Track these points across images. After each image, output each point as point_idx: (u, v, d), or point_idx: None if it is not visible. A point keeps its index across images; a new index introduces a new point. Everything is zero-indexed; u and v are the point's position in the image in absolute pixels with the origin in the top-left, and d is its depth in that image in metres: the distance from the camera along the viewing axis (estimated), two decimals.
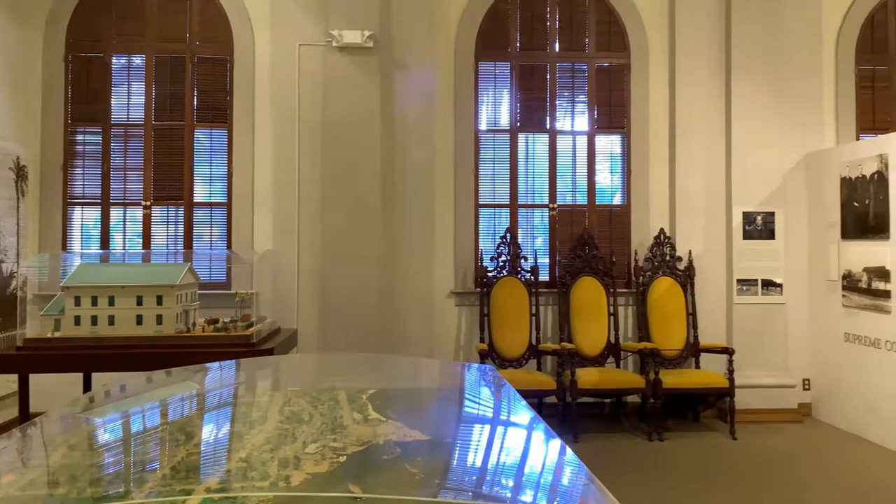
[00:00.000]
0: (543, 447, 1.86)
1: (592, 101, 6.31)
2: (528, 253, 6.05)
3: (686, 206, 6.12)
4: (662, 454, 5.01)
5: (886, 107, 6.49)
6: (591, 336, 5.83)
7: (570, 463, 1.68)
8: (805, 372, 6.05)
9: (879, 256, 5.27)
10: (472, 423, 2.17)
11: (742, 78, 6.07)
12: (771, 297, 5.99)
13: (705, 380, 5.49)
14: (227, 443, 1.84)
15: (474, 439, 1.89)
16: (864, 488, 4.34)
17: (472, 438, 1.91)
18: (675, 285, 5.96)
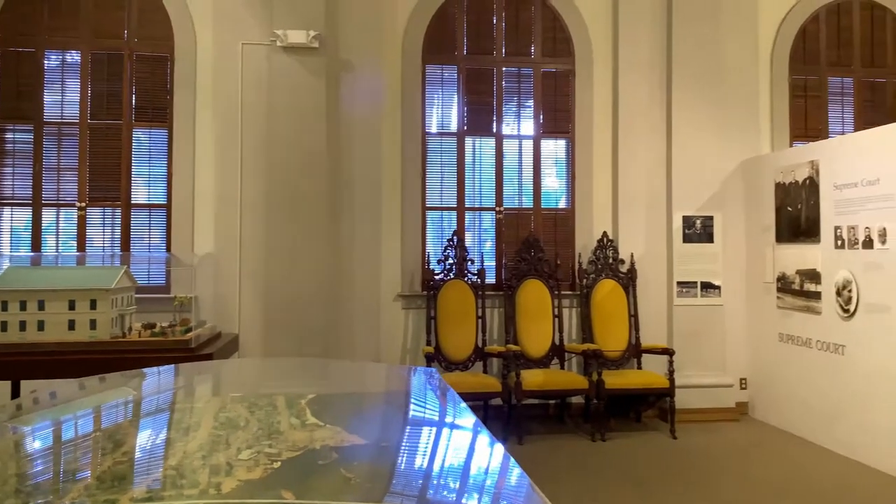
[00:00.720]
0: (481, 451, 1.86)
1: (538, 106, 6.38)
2: (474, 256, 6.08)
3: (628, 209, 6.25)
4: (605, 454, 5.08)
5: (817, 115, 6.75)
6: (536, 338, 5.89)
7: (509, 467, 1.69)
8: (742, 371, 6.24)
9: (811, 259, 5.48)
10: (412, 428, 2.16)
11: (682, 87, 6.23)
12: (709, 299, 6.16)
13: (646, 380, 5.60)
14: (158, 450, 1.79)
15: (413, 444, 1.88)
16: (796, 484, 4.49)
17: (411, 443, 1.89)
18: (617, 287, 6.07)
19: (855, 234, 5.03)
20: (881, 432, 4.73)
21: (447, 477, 1.61)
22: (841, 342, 5.13)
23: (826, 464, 4.89)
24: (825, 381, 5.28)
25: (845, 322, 5.09)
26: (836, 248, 5.21)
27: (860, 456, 4.91)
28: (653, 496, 4.24)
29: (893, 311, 4.66)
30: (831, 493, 4.32)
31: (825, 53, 6.79)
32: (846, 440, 5.06)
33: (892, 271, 4.68)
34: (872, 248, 4.87)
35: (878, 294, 4.81)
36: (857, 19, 6.82)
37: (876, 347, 4.80)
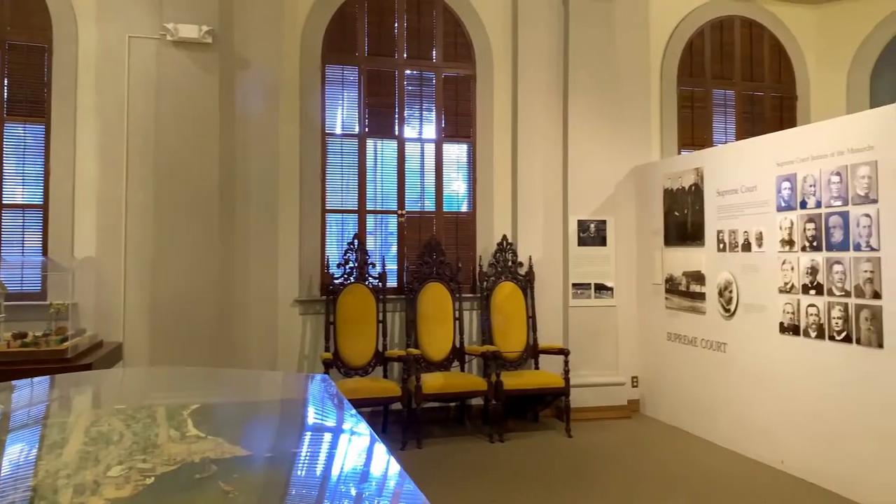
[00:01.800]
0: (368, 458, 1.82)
1: (440, 110, 6.41)
2: (376, 259, 6.02)
3: (527, 213, 6.38)
4: (503, 455, 5.15)
5: (703, 125, 7.15)
6: (437, 341, 5.90)
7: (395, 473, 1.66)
8: (633, 370, 6.50)
9: (696, 262, 5.77)
10: (299, 437, 2.10)
11: (578, 95, 6.43)
12: (603, 300, 6.38)
13: (543, 380, 5.72)
14: (18, 470, 1.65)
15: (299, 453, 1.82)
16: (683, 476, 4.71)
17: (297, 452, 1.83)
18: (516, 290, 6.18)
19: (735, 237, 5.34)
20: (757, 425, 5.04)
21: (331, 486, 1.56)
22: (723, 340, 5.43)
23: (709, 456, 5.16)
24: (709, 377, 5.57)
25: (727, 321, 5.40)
26: (719, 252, 5.51)
27: (739, 448, 5.21)
28: (549, 494, 4.33)
29: (769, 310, 4.97)
30: (714, 483, 4.56)
31: (710, 67, 7.20)
32: (727, 433, 5.35)
33: (767, 273, 4.99)
34: (750, 251, 5.18)
35: (755, 294, 5.12)
36: (738, 36, 7.28)
37: (753, 345, 5.11)
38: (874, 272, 4.18)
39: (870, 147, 4.26)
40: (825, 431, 4.47)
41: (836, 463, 4.38)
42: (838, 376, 4.39)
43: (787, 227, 4.85)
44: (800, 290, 4.72)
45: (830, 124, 4.78)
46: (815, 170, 4.64)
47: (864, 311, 4.24)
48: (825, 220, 4.54)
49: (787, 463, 4.77)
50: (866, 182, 4.27)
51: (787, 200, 4.87)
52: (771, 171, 5.01)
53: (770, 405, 4.93)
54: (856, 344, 4.28)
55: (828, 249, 4.52)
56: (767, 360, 4.97)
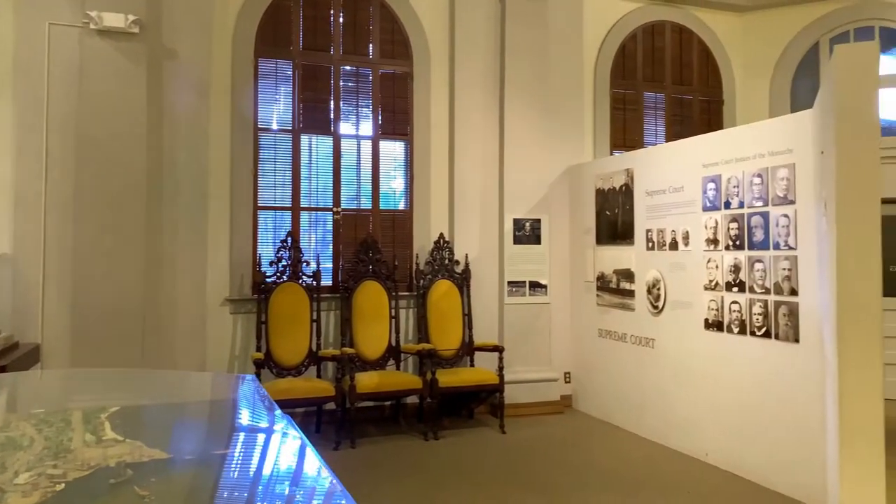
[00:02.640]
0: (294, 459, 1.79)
1: (377, 107, 6.37)
2: (310, 257, 5.93)
3: (464, 211, 6.41)
4: (437, 452, 5.16)
5: (634, 126, 7.33)
6: (372, 340, 5.86)
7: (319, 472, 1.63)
8: (566, 366, 6.61)
9: (626, 260, 5.92)
10: (222, 438, 2.04)
11: (514, 95, 6.49)
12: (537, 298, 6.46)
13: (478, 377, 5.77)
14: None
15: (220, 455, 1.77)
16: (612, 469, 4.82)
17: (220, 454, 1.78)
18: (452, 288, 6.20)
19: (663, 236, 5.50)
20: (683, 419, 5.20)
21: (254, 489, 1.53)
22: (651, 336, 5.58)
23: (638, 450, 5.29)
24: (638, 373, 5.72)
25: (655, 318, 5.55)
26: (648, 250, 5.66)
27: (667, 441, 5.37)
28: (482, 490, 4.36)
29: (694, 307, 5.14)
30: (642, 476, 4.68)
31: (641, 70, 7.39)
32: (655, 427, 5.51)
33: (693, 271, 5.16)
34: (677, 250, 5.34)
35: (682, 292, 5.28)
36: (669, 40, 7.49)
37: (680, 341, 5.28)
38: (792, 270, 4.37)
39: (788, 150, 4.44)
40: (746, 424, 4.65)
41: (756, 454, 4.56)
42: (758, 371, 4.57)
43: (712, 226, 5.02)
44: (723, 287, 4.89)
45: (753, 128, 4.98)
46: (738, 171, 4.82)
47: (782, 308, 4.43)
48: (747, 220, 4.72)
49: (710, 455, 4.94)
50: (785, 184, 4.46)
51: (712, 201, 5.04)
52: (697, 173, 5.17)
53: (695, 399, 5.10)
54: (774, 339, 4.47)
55: (750, 248, 4.70)
56: (693, 355, 5.14)
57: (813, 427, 4.09)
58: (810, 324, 4.19)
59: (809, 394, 4.12)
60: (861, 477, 3.05)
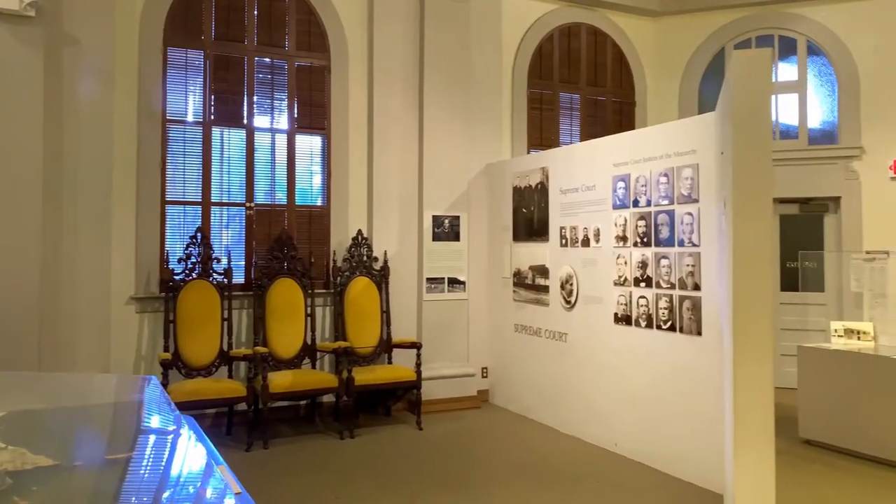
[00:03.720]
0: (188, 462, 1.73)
1: (292, 100, 6.24)
2: (221, 254, 5.75)
3: (383, 208, 6.36)
4: (353, 450, 5.11)
5: (550, 126, 7.46)
6: (287, 338, 5.73)
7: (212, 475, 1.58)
8: (484, 361, 6.68)
9: (541, 256, 6.02)
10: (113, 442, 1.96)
11: (433, 92, 6.49)
12: (456, 294, 6.50)
13: (395, 374, 5.74)
14: None
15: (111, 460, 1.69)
16: (526, 462, 4.89)
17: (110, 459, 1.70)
18: (371, 285, 6.15)
19: (576, 233, 5.62)
20: (594, 411, 5.34)
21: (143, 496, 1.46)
22: (564, 330, 5.70)
23: (552, 442, 5.40)
24: (551, 366, 5.83)
25: (568, 312, 5.67)
26: (562, 247, 5.78)
27: (579, 433, 5.50)
28: (397, 486, 4.35)
29: (605, 301, 5.27)
30: (555, 467, 4.77)
31: (558, 71, 7.52)
32: (568, 419, 5.63)
33: (604, 267, 5.29)
34: (589, 247, 5.47)
35: (593, 287, 5.41)
36: (584, 42, 7.66)
37: (591, 335, 5.41)
38: (695, 266, 4.55)
39: (693, 151, 4.62)
40: (652, 414, 4.82)
41: (661, 443, 4.73)
42: (664, 363, 4.74)
43: (622, 224, 5.17)
44: (632, 283, 5.04)
45: (659, 129, 5.15)
46: (646, 171, 4.97)
47: (686, 302, 4.60)
48: (654, 217, 4.88)
49: (619, 445, 5.09)
50: (689, 183, 4.63)
51: (621, 199, 5.19)
52: (608, 172, 5.31)
53: (605, 391, 5.24)
54: (679, 332, 4.64)
55: (656, 245, 4.86)
56: (603, 349, 5.28)
57: (713, 416, 4.27)
58: (712, 317, 4.37)
59: (710, 384, 4.30)
60: (752, 461, 3.19)
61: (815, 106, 7.51)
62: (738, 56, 3.55)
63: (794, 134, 7.52)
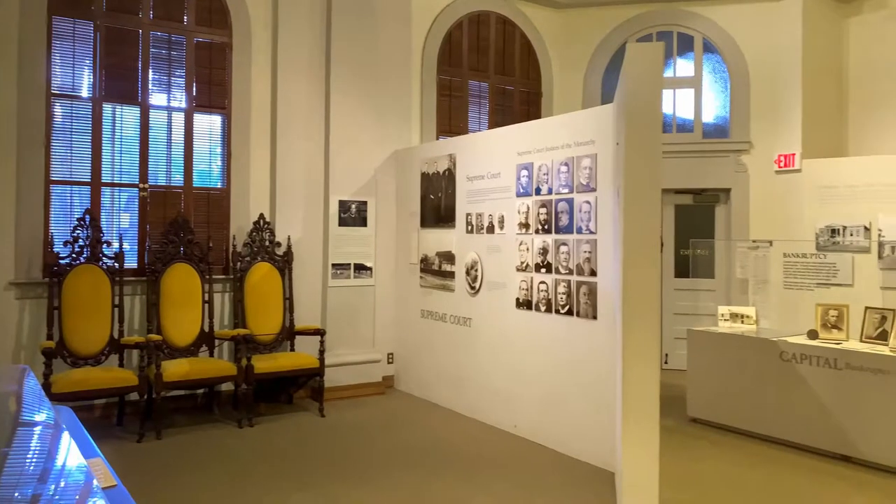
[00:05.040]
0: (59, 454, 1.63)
1: (191, 78, 5.98)
2: (112, 237, 5.47)
3: (287, 192, 6.21)
4: (251, 439, 5.00)
5: (459, 113, 7.49)
6: (183, 326, 5.52)
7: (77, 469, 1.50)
8: (389, 347, 6.66)
9: (447, 242, 6.05)
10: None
11: (341, 75, 6.38)
12: (362, 280, 6.45)
13: (297, 362, 5.63)
14: None
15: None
16: (429, 445, 4.93)
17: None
18: (273, 271, 6.00)
19: (481, 220, 5.68)
20: (496, 394, 5.44)
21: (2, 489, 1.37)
22: (468, 316, 5.76)
23: (455, 425, 5.46)
24: (456, 351, 5.89)
25: (472, 298, 5.73)
26: (468, 233, 5.82)
27: (481, 416, 5.58)
28: (298, 474, 4.28)
29: (508, 287, 5.36)
30: (457, 449, 4.83)
31: (467, 58, 7.55)
32: (471, 403, 5.71)
33: (507, 253, 5.38)
34: (494, 233, 5.54)
35: (497, 273, 5.49)
36: (493, 31, 7.71)
37: (494, 320, 5.49)
38: (592, 253, 4.68)
39: (592, 141, 4.74)
40: (550, 396, 4.95)
41: (559, 424, 4.87)
42: (562, 346, 4.87)
43: (524, 211, 5.26)
44: (533, 268, 5.14)
45: (561, 119, 5.26)
46: (548, 160, 5.07)
47: (583, 287, 4.74)
48: (555, 205, 4.99)
49: (519, 427, 5.21)
50: (588, 172, 4.75)
51: (524, 187, 5.27)
52: (512, 160, 5.38)
53: (507, 375, 5.34)
54: (576, 316, 4.78)
55: (556, 232, 4.98)
56: (505, 333, 5.37)
57: (607, 397, 4.42)
58: (606, 302, 4.52)
59: (605, 366, 4.45)
60: (639, 439, 3.33)
61: (710, 101, 7.88)
62: (633, 49, 3.66)
63: (689, 127, 7.87)
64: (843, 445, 4.70)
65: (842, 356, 4.76)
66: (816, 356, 4.89)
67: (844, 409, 4.71)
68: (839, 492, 4.15)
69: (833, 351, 4.82)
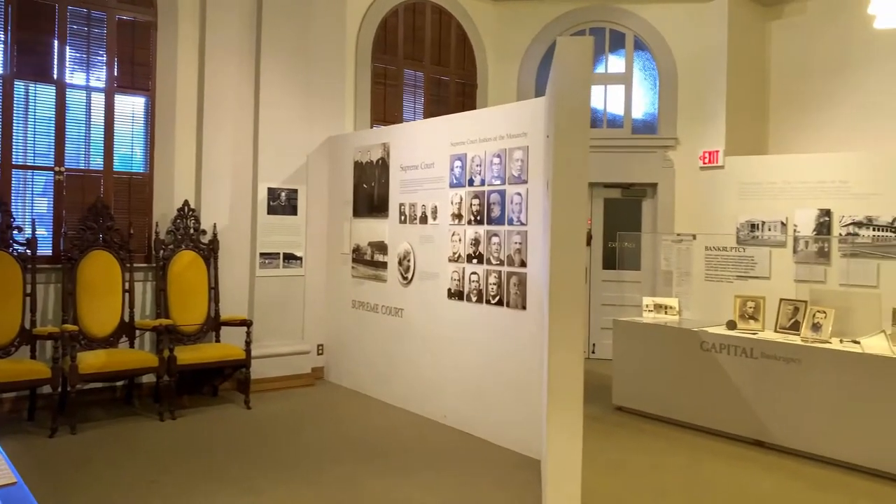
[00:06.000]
0: None
1: (112, 56, 5.71)
2: (23, 223, 5.18)
3: (213, 178, 6.02)
4: (173, 433, 4.83)
5: (394, 102, 7.42)
6: (101, 316, 5.29)
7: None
8: (319, 338, 6.57)
9: (380, 232, 6.00)
10: None
11: (272, 61, 6.22)
12: (291, 270, 6.32)
13: (222, 353, 5.49)
14: None
15: None
16: (358, 437, 4.88)
17: None
18: (198, 259, 5.82)
19: (415, 210, 5.65)
20: (426, 384, 5.43)
21: None
22: (400, 306, 5.73)
23: (385, 416, 5.43)
24: (387, 342, 5.86)
25: (405, 288, 5.70)
26: (401, 223, 5.78)
27: (412, 406, 5.57)
28: (222, 468, 4.16)
29: (440, 277, 5.36)
30: (386, 440, 4.80)
31: (402, 47, 7.48)
32: (402, 393, 5.69)
33: (440, 243, 5.37)
34: (427, 224, 5.52)
35: (429, 263, 5.48)
36: (429, 21, 7.66)
37: (426, 310, 5.48)
38: (522, 244, 4.72)
39: (524, 133, 4.77)
40: (480, 386, 4.98)
41: (488, 414, 4.90)
42: (492, 336, 4.90)
43: (458, 202, 5.26)
44: (465, 259, 5.16)
45: (494, 111, 5.28)
46: (481, 151, 5.08)
47: (513, 278, 4.78)
48: (487, 196, 5.01)
49: (449, 417, 5.22)
50: (519, 164, 4.79)
51: (458, 178, 5.27)
52: (446, 151, 5.37)
53: (438, 366, 5.35)
54: (506, 307, 4.81)
55: (488, 223, 5.00)
56: (436, 324, 5.37)
57: (535, 386, 4.48)
58: (536, 292, 4.57)
59: (533, 356, 4.51)
60: (563, 427, 3.38)
61: (640, 98, 8.06)
62: (563, 43, 3.69)
63: (619, 123, 8.03)
64: (758, 431, 4.91)
65: (757, 346, 4.96)
66: (734, 346, 5.08)
67: (759, 397, 4.92)
68: (751, 474, 4.34)
69: (749, 341, 5.02)
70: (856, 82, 7.06)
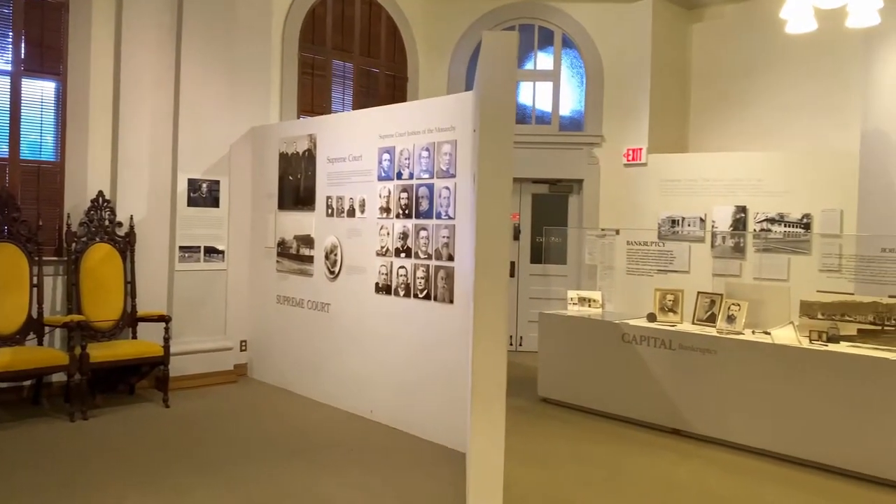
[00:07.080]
0: None
1: (19, 38, 5.39)
2: None
3: (129, 168, 5.78)
4: (85, 433, 4.62)
5: (322, 93, 7.29)
6: (7, 312, 5.00)
7: None
8: (243, 334, 6.40)
9: (307, 226, 5.88)
10: None
11: (193, 48, 6.00)
12: (213, 264, 6.13)
13: (139, 350, 5.28)
14: None
15: None
16: (281, 433, 4.78)
17: None
18: (113, 252, 5.57)
19: (342, 203, 5.57)
20: (353, 379, 5.37)
21: None
22: (327, 301, 5.65)
23: (310, 412, 5.34)
24: (313, 337, 5.76)
25: (331, 283, 5.62)
26: (328, 217, 5.69)
27: (338, 402, 5.50)
28: (138, 469, 4.00)
29: (368, 271, 5.30)
30: (310, 437, 4.73)
31: (331, 37, 7.35)
32: (328, 389, 5.61)
33: (368, 237, 5.31)
34: (354, 217, 5.45)
35: (357, 257, 5.41)
36: (359, 12, 7.56)
37: (353, 305, 5.42)
38: (450, 238, 4.72)
39: (452, 127, 4.76)
40: (407, 380, 4.96)
41: (414, 408, 4.89)
42: (420, 330, 4.89)
43: (386, 195, 5.21)
44: (393, 253, 5.12)
45: (423, 104, 5.26)
46: (410, 144, 5.05)
47: (441, 272, 4.77)
48: (416, 190, 4.98)
49: (375, 412, 5.18)
50: (448, 158, 4.78)
51: (386, 171, 5.22)
52: (374, 143, 5.31)
53: (365, 361, 5.29)
54: (434, 301, 4.80)
55: (417, 217, 4.97)
56: (364, 318, 5.32)
57: (461, 380, 4.48)
58: (463, 286, 4.58)
59: (460, 350, 4.51)
60: (486, 419, 3.39)
61: (567, 95, 8.19)
62: (488, 37, 3.69)
63: (547, 120, 8.14)
64: (675, 420, 5.08)
65: (675, 337, 5.13)
66: (654, 337, 5.24)
67: (676, 387, 5.08)
68: (669, 461, 4.48)
69: (668, 332, 5.18)
70: (770, 84, 7.38)
